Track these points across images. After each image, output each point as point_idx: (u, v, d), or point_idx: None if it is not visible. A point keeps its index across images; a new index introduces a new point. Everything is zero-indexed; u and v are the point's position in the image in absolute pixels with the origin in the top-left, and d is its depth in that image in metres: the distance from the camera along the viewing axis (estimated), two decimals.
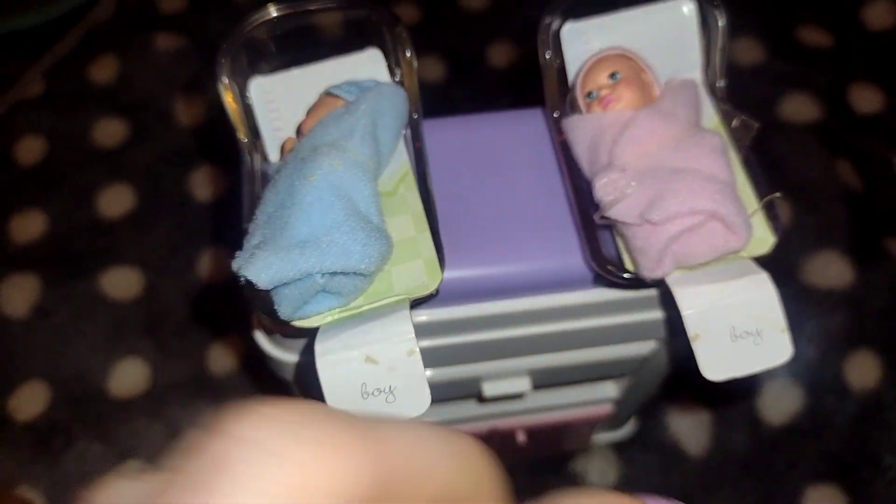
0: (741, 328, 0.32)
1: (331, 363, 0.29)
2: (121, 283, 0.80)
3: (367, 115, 0.35)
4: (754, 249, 0.35)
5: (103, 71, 0.93)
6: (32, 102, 0.92)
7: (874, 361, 0.73)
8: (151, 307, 0.79)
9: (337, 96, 0.37)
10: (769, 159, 0.84)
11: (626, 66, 0.38)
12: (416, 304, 0.33)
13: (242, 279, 0.30)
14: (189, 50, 0.94)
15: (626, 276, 0.35)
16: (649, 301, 0.41)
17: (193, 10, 0.97)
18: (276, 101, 0.39)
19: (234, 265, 0.30)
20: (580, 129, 0.38)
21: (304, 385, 0.45)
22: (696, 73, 0.41)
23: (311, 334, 0.32)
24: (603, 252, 0.36)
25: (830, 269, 0.77)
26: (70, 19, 0.97)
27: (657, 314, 0.42)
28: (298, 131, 0.38)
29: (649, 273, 0.34)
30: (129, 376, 0.76)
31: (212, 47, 0.40)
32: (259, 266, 0.29)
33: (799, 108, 0.87)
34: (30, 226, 0.83)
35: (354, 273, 0.31)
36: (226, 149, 0.40)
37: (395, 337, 0.29)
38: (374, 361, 0.29)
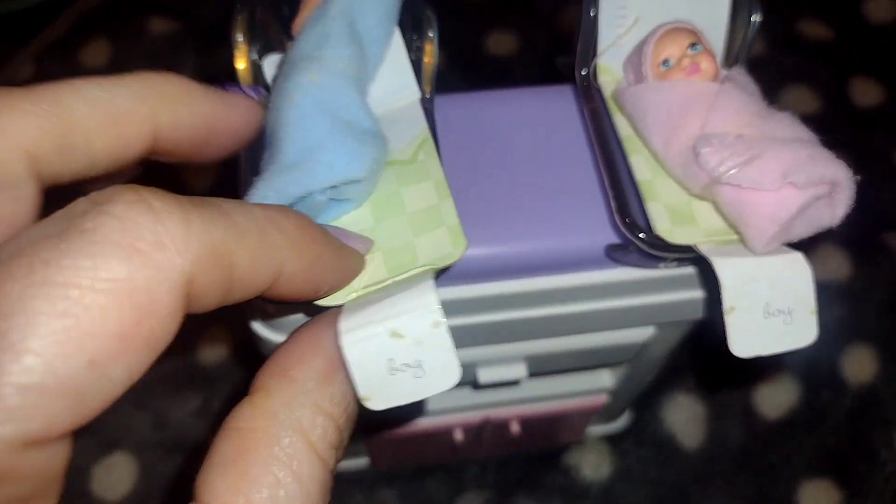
0: (774, 305, 0.31)
1: (355, 340, 0.27)
2: None
3: (339, 16, 0.33)
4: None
5: (95, 55, 0.92)
6: (22, 86, 0.90)
7: (871, 356, 0.72)
8: None
9: None
10: None
11: (701, 40, 0.37)
12: (439, 273, 0.32)
13: None
14: (183, 34, 0.93)
15: (659, 241, 0.33)
16: (652, 284, 0.40)
17: None
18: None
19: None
20: (658, 95, 0.36)
21: None
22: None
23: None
24: (634, 215, 0.34)
25: (828, 263, 0.76)
26: (61, 2, 0.95)
27: (659, 297, 0.41)
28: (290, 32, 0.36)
29: (765, 245, 0.32)
30: None
31: (206, 32, 0.39)
32: (257, 197, 0.29)
33: (798, 101, 0.87)
34: None
35: (351, 182, 0.31)
36: None
37: (419, 309, 0.28)
38: (399, 336, 0.28)
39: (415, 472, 0.69)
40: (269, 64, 0.38)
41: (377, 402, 0.28)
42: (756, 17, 0.39)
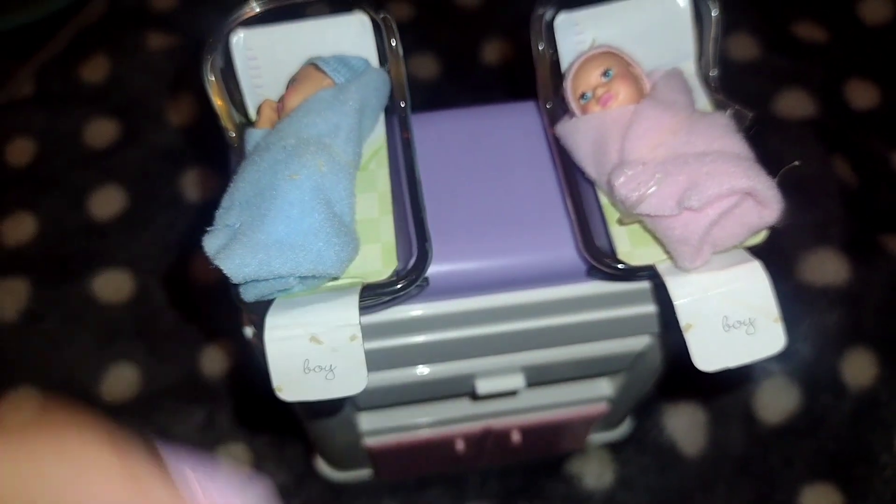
0: (734, 318, 0.32)
1: (277, 338, 0.31)
2: (112, 285, 0.79)
3: (354, 112, 0.35)
4: (749, 239, 0.35)
5: (95, 71, 0.93)
6: (23, 103, 0.91)
7: (870, 359, 0.72)
8: (143, 310, 0.78)
9: (324, 72, 0.36)
10: (764, 155, 0.83)
11: (616, 62, 0.37)
12: (393, 294, 0.33)
13: (213, 264, 0.31)
14: (181, 49, 0.93)
15: (619, 266, 0.35)
16: (643, 295, 0.40)
17: (185, 9, 0.97)
18: (259, 57, 0.39)
19: (207, 247, 0.31)
20: (580, 132, 0.37)
21: None
22: (689, 64, 0.40)
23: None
24: (597, 243, 0.35)
25: (826, 267, 0.76)
26: (61, 18, 0.96)
27: (651, 308, 0.41)
28: (280, 101, 0.37)
29: (690, 263, 0.33)
30: (120, 381, 0.75)
31: (204, 46, 0.40)
32: (236, 263, 0.30)
33: (795, 103, 0.87)
34: (20, 229, 0.82)
35: (327, 276, 0.33)
36: (218, 149, 0.40)
37: (340, 322, 0.31)
38: (318, 342, 0.31)
39: (418, 482, 0.70)
40: (237, 41, 0.39)
41: (288, 393, 0.31)
42: (715, 12, 0.39)
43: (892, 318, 0.74)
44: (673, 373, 0.53)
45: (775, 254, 0.81)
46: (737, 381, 0.72)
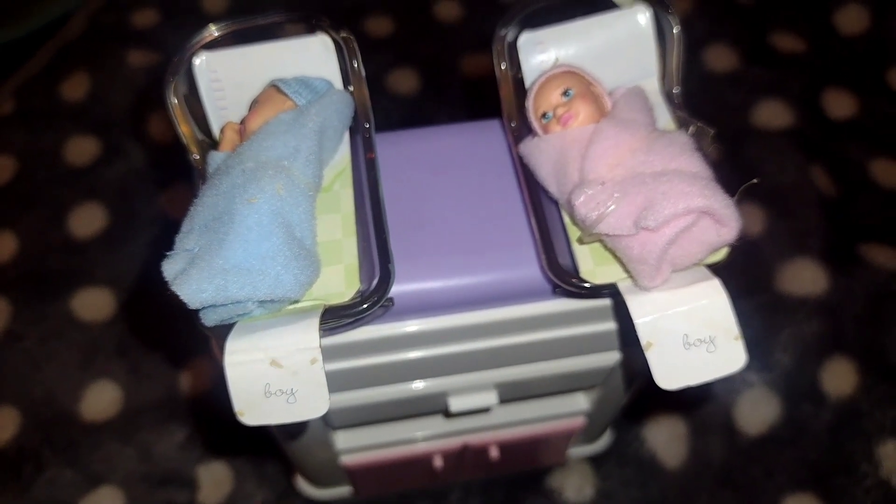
0: (694, 336, 0.32)
1: (237, 362, 0.31)
2: (92, 304, 0.79)
3: (314, 134, 0.35)
4: (709, 257, 0.35)
5: (75, 88, 0.93)
6: (3, 121, 0.91)
7: (850, 369, 0.72)
8: (123, 329, 0.78)
9: (285, 94, 0.36)
10: (743, 165, 0.84)
11: (576, 82, 0.38)
12: (356, 315, 0.33)
13: (171, 290, 0.31)
14: (161, 66, 0.93)
15: (583, 285, 0.35)
16: (610, 312, 0.40)
17: (166, 26, 0.97)
18: (223, 79, 0.39)
19: (166, 272, 0.31)
20: (542, 152, 0.37)
21: None
22: (652, 81, 0.41)
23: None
24: (560, 262, 0.36)
25: (805, 276, 0.76)
26: (41, 36, 0.96)
27: (618, 325, 0.41)
28: (242, 123, 0.37)
29: (649, 282, 0.33)
30: (100, 400, 0.74)
31: (166, 69, 0.40)
32: (193, 288, 0.30)
33: (773, 114, 0.87)
34: (0, 247, 0.82)
35: (287, 300, 0.33)
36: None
37: (300, 345, 0.31)
38: (278, 365, 0.31)
39: (399, 497, 0.69)
40: (199, 63, 0.39)
41: (250, 417, 0.31)
42: (676, 30, 0.39)
43: (872, 327, 0.74)
44: (650, 386, 0.53)
45: (753, 264, 0.82)
46: (717, 392, 0.72)
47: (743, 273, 0.76)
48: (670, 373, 0.32)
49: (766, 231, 0.79)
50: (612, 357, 0.46)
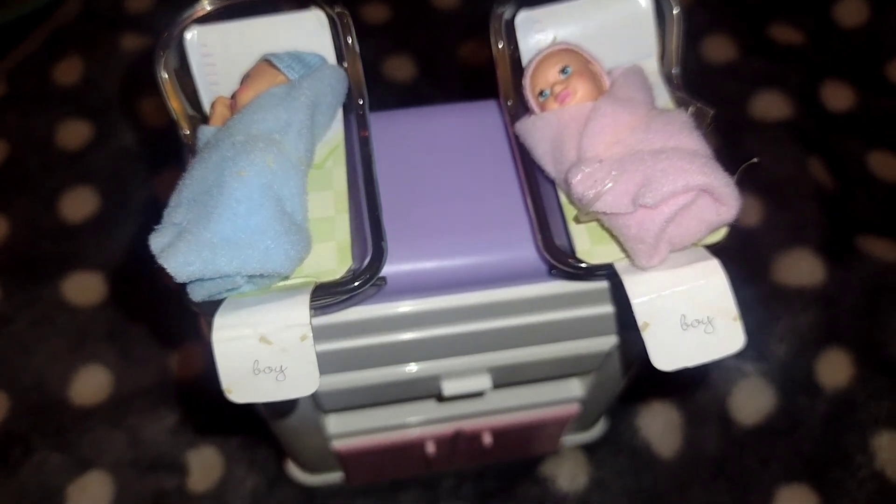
0: (692, 316, 0.31)
1: (225, 338, 0.30)
2: (83, 288, 0.78)
3: (306, 108, 0.34)
4: (708, 237, 0.34)
5: (68, 72, 0.92)
6: None
7: (846, 360, 0.72)
8: (114, 313, 0.77)
9: (277, 68, 0.36)
10: (740, 157, 0.83)
11: (574, 59, 0.37)
12: (348, 292, 0.33)
13: (158, 263, 0.30)
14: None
15: (579, 265, 0.34)
16: (606, 294, 0.40)
17: (160, 10, 0.96)
18: (214, 54, 0.38)
19: (153, 245, 0.30)
20: (539, 130, 0.37)
21: None
22: (651, 61, 0.40)
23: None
24: (556, 243, 0.35)
25: (802, 268, 0.76)
26: (34, 19, 0.95)
27: (615, 308, 0.41)
28: (233, 97, 0.36)
29: (647, 261, 0.33)
30: (90, 384, 0.74)
31: (157, 43, 0.40)
32: (180, 261, 0.29)
33: (771, 105, 0.87)
34: None
35: (276, 275, 0.32)
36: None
37: (290, 322, 0.30)
38: (267, 342, 0.30)
39: (391, 485, 0.69)
40: (191, 37, 0.38)
41: (238, 395, 0.31)
42: (676, 10, 0.39)
43: (868, 319, 0.74)
44: (646, 372, 0.53)
45: (751, 255, 0.81)
46: (712, 382, 0.72)
47: (740, 263, 0.75)
48: (667, 354, 0.31)
49: (763, 222, 0.79)
50: (609, 341, 0.46)
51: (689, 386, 0.72)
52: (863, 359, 0.72)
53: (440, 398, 0.51)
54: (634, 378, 0.54)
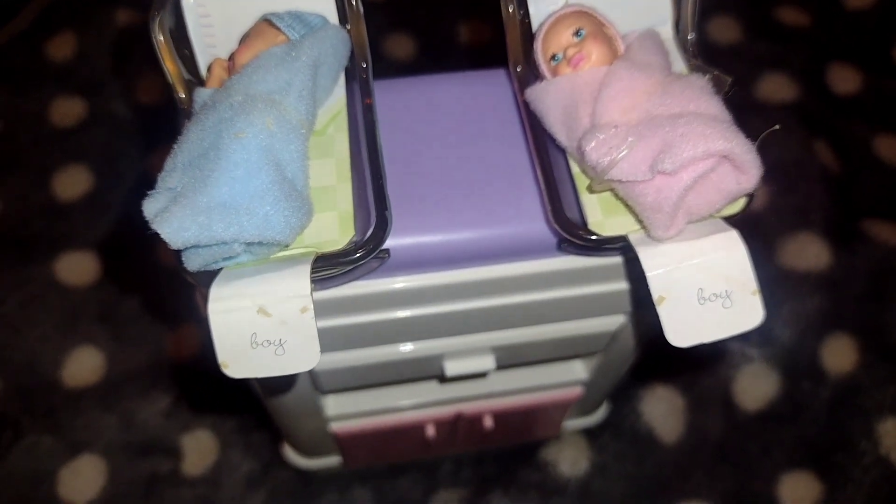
0: (709, 290, 0.30)
1: (222, 310, 0.29)
2: (76, 268, 0.77)
3: (307, 68, 0.32)
4: (726, 209, 0.33)
5: (61, 48, 0.90)
6: None
7: (851, 345, 0.71)
8: (107, 293, 0.76)
9: (277, 28, 0.34)
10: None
11: (588, 22, 0.36)
12: (350, 264, 0.31)
13: (151, 229, 0.29)
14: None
15: (590, 237, 0.33)
16: (616, 270, 0.38)
17: None
18: (212, 14, 0.36)
19: (147, 211, 0.29)
20: (550, 96, 0.35)
21: None
22: (666, 28, 0.39)
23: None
24: (566, 214, 0.33)
25: (808, 251, 0.75)
26: None
27: (625, 285, 0.40)
28: (231, 59, 0.35)
29: (663, 232, 0.31)
30: (82, 366, 0.72)
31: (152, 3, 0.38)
32: (174, 227, 0.28)
33: (777, 87, 0.86)
34: None
35: (275, 243, 0.30)
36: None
37: (290, 293, 0.29)
38: (266, 314, 0.29)
39: (389, 469, 0.68)
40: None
41: (235, 370, 0.29)
42: None
43: (873, 303, 0.73)
44: (650, 356, 0.51)
45: (756, 238, 0.80)
46: (716, 366, 0.71)
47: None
48: (683, 329, 0.30)
49: (768, 206, 0.77)
50: (616, 321, 0.44)
51: (693, 370, 0.71)
52: (868, 344, 0.71)
53: (441, 379, 0.50)
54: (638, 363, 0.53)
